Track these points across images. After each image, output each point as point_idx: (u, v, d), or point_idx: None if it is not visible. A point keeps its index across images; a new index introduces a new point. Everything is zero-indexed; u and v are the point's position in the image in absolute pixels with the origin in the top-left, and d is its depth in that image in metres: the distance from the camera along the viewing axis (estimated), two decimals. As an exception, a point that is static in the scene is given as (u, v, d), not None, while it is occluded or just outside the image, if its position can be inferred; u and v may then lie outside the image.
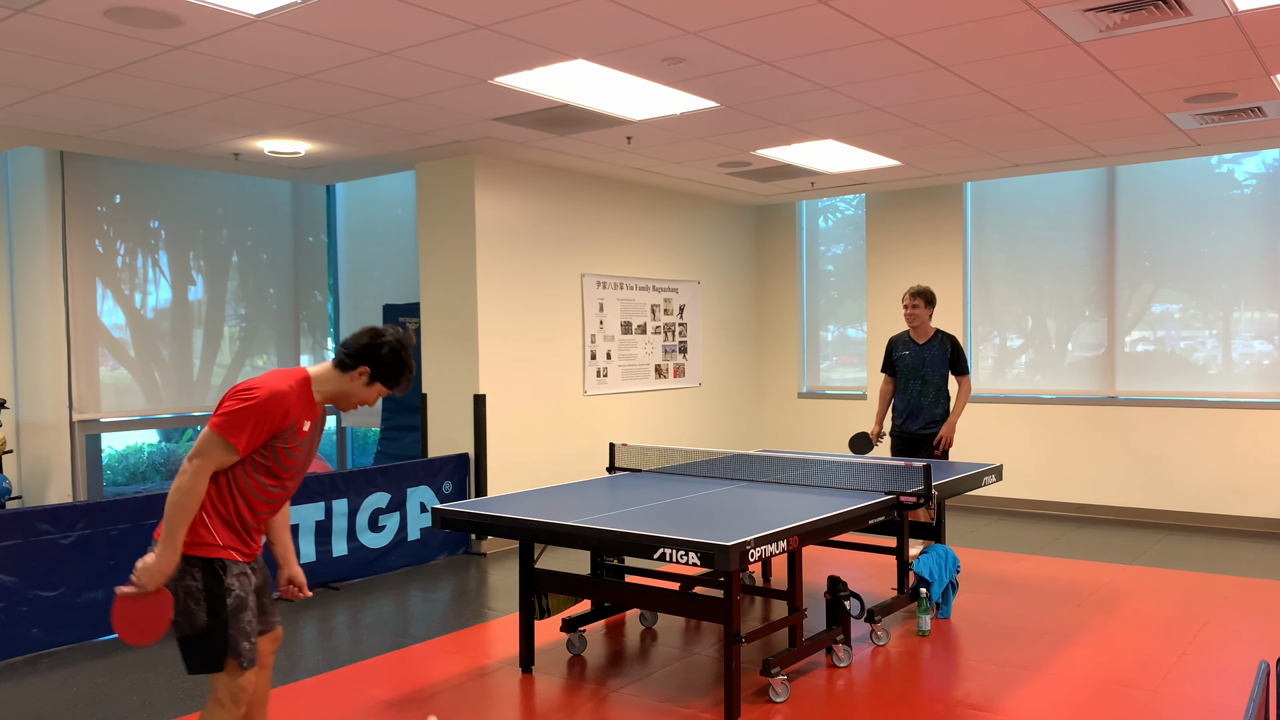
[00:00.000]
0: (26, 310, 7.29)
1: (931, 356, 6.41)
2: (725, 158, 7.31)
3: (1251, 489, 7.70)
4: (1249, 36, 4.62)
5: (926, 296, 6.39)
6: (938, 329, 6.49)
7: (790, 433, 9.93)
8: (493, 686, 4.44)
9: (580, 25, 4.30)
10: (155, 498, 5.43)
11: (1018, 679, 4.40)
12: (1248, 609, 5.44)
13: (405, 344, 3.09)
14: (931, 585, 5.17)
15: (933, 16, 4.28)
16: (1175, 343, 8.07)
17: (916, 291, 6.38)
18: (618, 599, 4.40)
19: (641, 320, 8.53)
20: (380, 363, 3.04)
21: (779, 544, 3.86)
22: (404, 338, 3.09)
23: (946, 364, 6.41)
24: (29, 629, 4.94)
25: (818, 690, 4.30)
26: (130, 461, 8.58)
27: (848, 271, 9.69)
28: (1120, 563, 6.59)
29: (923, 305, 6.39)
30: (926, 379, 6.41)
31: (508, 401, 7.33)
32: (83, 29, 4.22)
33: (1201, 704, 4.07)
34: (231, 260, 8.21)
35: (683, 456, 6.89)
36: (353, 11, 4.08)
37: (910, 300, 6.39)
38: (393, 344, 3.04)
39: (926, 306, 6.40)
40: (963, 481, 5.27)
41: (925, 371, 6.41)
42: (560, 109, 5.74)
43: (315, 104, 5.55)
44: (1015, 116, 6.14)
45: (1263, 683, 2.35)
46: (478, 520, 4.35)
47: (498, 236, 7.23)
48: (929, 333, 6.46)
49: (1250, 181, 7.70)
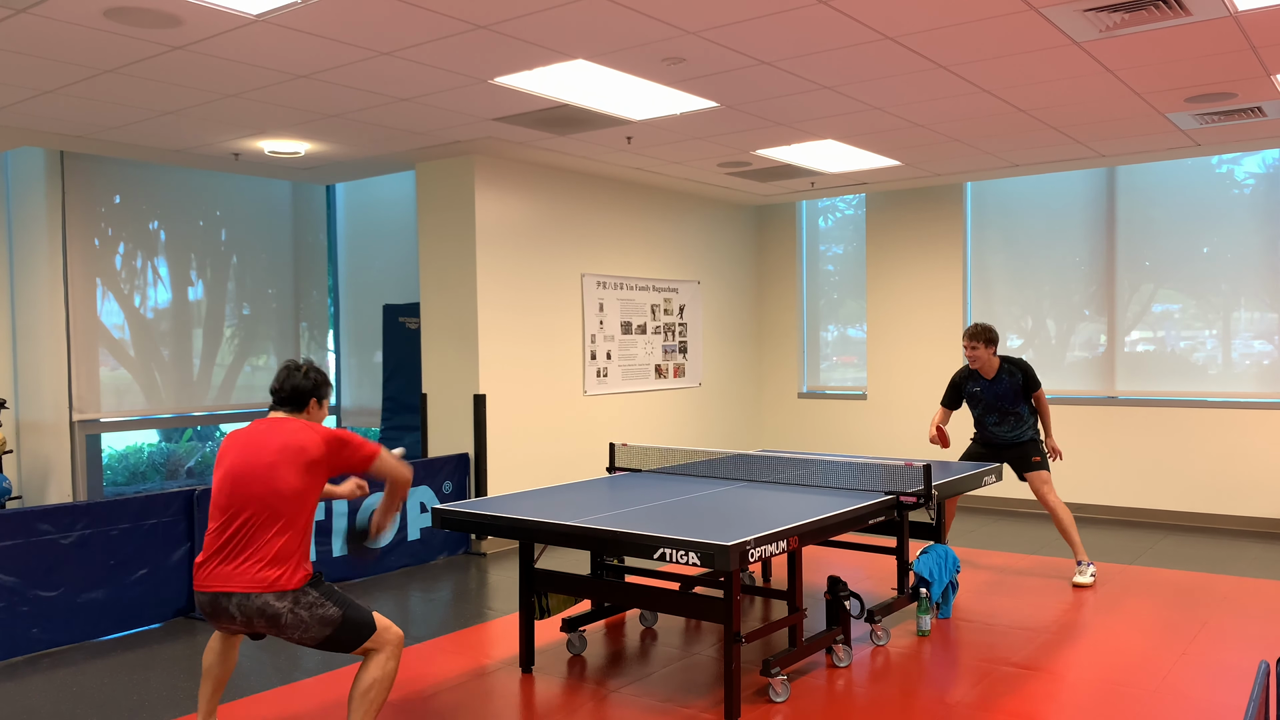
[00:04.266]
0: (26, 310, 7.29)
1: (1003, 391, 6.17)
2: (725, 158, 7.32)
3: (1251, 489, 7.70)
4: (1249, 36, 4.62)
5: (985, 336, 6.12)
6: (1002, 358, 6.24)
7: (790, 433, 9.93)
8: (493, 686, 4.44)
9: (580, 25, 4.31)
10: (155, 498, 5.43)
11: (1018, 679, 4.40)
12: (1248, 609, 5.44)
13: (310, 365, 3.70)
14: (931, 585, 5.17)
15: (933, 16, 4.28)
16: (1175, 343, 8.08)
17: (974, 334, 6.13)
18: (618, 599, 4.40)
19: (641, 320, 8.53)
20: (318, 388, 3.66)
21: (779, 544, 3.86)
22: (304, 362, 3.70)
23: (1020, 393, 6.17)
24: (29, 629, 4.94)
25: (818, 690, 4.31)
26: (130, 461, 8.58)
27: (848, 271, 9.69)
28: (1120, 563, 6.59)
29: (982, 346, 6.12)
30: (1004, 411, 6.20)
31: (508, 401, 7.33)
32: (83, 29, 4.22)
33: (1201, 704, 4.07)
34: (231, 260, 8.22)
35: (683, 456, 6.88)
36: (353, 11, 4.08)
37: (969, 343, 6.15)
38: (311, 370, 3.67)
39: (987, 346, 6.12)
40: (963, 481, 5.27)
41: (1001, 405, 6.20)
42: (560, 109, 5.74)
43: (315, 104, 5.55)
44: (1015, 116, 6.14)
45: (1263, 683, 2.35)
46: (478, 520, 4.35)
47: (498, 236, 7.23)
48: (995, 366, 6.20)
49: (1250, 181, 7.70)
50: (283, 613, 3.33)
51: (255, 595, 3.32)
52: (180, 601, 5.55)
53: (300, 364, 3.65)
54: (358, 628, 3.41)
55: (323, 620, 3.36)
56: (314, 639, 3.37)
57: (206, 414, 8.07)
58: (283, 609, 3.32)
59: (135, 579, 5.34)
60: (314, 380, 3.61)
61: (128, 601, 5.31)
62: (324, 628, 3.36)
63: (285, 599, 3.34)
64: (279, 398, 3.59)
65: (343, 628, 3.38)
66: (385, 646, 3.45)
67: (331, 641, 3.39)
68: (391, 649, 3.46)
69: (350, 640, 3.40)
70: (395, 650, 3.47)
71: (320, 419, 3.67)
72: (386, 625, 3.48)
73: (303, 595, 3.37)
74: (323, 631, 3.36)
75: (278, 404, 3.60)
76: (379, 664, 3.43)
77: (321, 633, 3.36)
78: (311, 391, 3.60)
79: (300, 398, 3.59)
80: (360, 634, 3.41)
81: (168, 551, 5.48)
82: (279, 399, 3.59)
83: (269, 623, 3.34)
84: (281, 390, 3.58)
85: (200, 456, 8.95)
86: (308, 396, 3.60)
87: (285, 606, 3.33)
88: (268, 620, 3.33)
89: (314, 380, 3.61)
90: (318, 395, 3.63)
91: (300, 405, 3.59)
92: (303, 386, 3.58)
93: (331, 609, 3.38)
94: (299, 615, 3.34)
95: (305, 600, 3.36)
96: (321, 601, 3.38)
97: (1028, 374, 6.19)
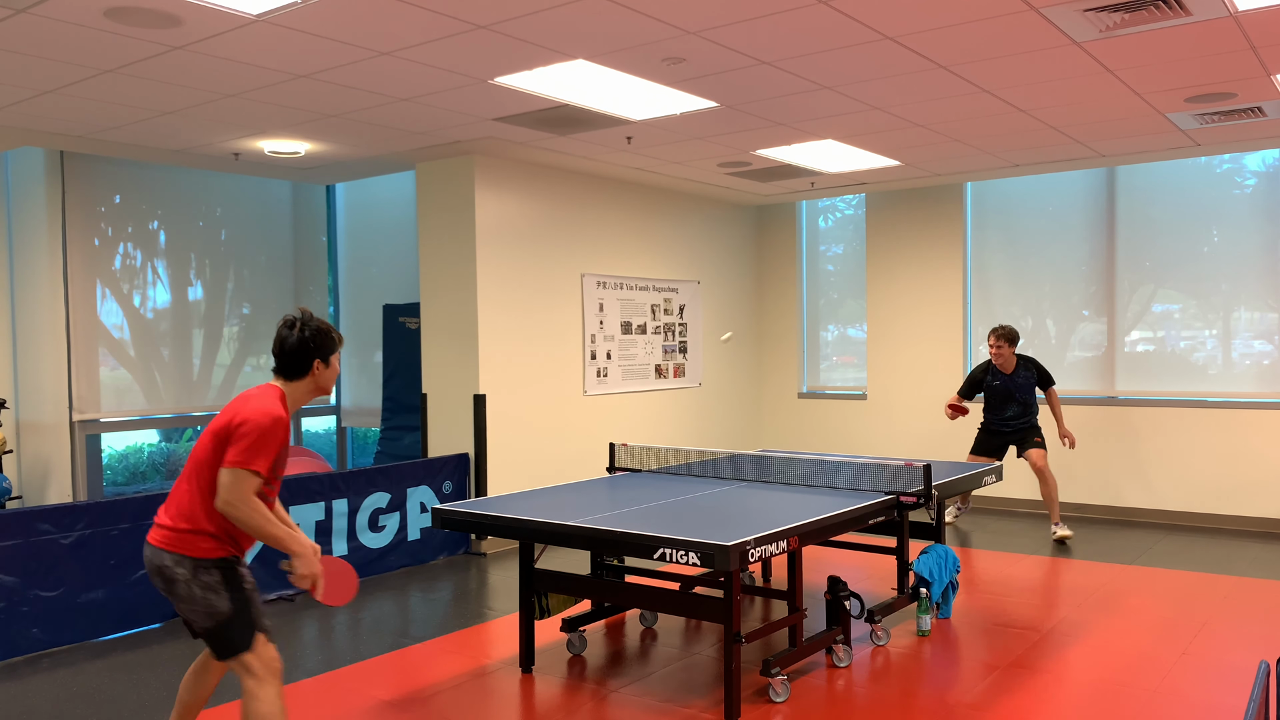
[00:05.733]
0: (26, 310, 7.29)
1: (1020, 384, 7.32)
2: (725, 158, 7.32)
3: (1251, 489, 7.70)
4: (1249, 36, 4.62)
5: (1009, 336, 7.21)
6: (1019, 355, 7.35)
7: (790, 433, 9.93)
8: (493, 686, 4.44)
9: (580, 25, 4.31)
10: (155, 498, 5.43)
11: (1018, 679, 4.40)
12: (1248, 609, 5.44)
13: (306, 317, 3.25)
14: (931, 585, 5.17)
15: (933, 16, 4.28)
16: (1175, 343, 8.07)
17: (1001, 334, 7.21)
18: (618, 599, 4.40)
19: (641, 320, 8.53)
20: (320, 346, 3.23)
21: (779, 544, 3.86)
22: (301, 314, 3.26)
23: (1034, 386, 7.33)
24: (29, 629, 4.94)
25: (818, 690, 4.31)
26: (130, 461, 8.58)
27: (848, 271, 9.69)
28: (1120, 563, 6.59)
29: (1006, 345, 7.22)
30: (1021, 402, 7.33)
31: (508, 401, 7.33)
32: (83, 29, 4.22)
33: (1201, 704, 4.07)
34: (231, 260, 8.22)
35: (683, 456, 6.89)
36: (352, 11, 4.08)
37: (995, 341, 7.23)
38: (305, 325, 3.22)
39: (1010, 345, 7.23)
40: (963, 481, 5.27)
41: (1018, 396, 7.32)
42: (560, 109, 5.74)
43: (315, 104, 5.55)
44: (1015, 116, 6.14)
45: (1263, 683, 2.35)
46: (478, 520, 4.35)
47: (498, 236, 7.24)
48: (1014, 363, 7.32)
49: (1250, 181, 7.70)
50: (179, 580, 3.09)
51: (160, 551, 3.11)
52: (180, 601, 5.54)
53: (295, 318, 3.22)
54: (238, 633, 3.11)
55: (207, 607, 3.09)
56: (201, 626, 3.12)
57: (206, 414, 8.07)
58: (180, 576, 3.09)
59: (135, 579, 5.34)
60: (310, 334, 3.19)
61: (128, 601, 5.31)
62: (204, 618, 3.10)
63: (190, 569, 3.09)
64: (275, 365, 3.24)
65: (223, 625, 3.09)
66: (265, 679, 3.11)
67: (211, 634, 3.11)
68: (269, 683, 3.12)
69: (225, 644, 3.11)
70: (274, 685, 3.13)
71: (329, 381, 3.27)
72: (274, 655, 3.16)
73: (204, 570, 3.08)
74: (205, 621, 3.10)
75: (274, 371, 3.25)
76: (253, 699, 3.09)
77: (205, 622, 3.10)
78: (311, 352, 3.19)
79: (297, 362, 3.20)
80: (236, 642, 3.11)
81: (168, 551, 5.47)
82: (275, 366, 3.24)
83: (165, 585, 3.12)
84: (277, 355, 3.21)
85: (200, 456, 8.94)
86: (308, 359, 3.20)
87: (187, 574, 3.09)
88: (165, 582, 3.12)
89: (310, 334, 3.19)
90: (320, 354, 3.21)
91: (301, 371, 3.21)
92: (297, 349, 3.18)
93: (224, 602, 3.09)
94: (193, 592, 3.08)
95: (202, 578, 3.08)
96: (218, 587, 3.09)
97: (1040, 370, 7.35)
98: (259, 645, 3.13)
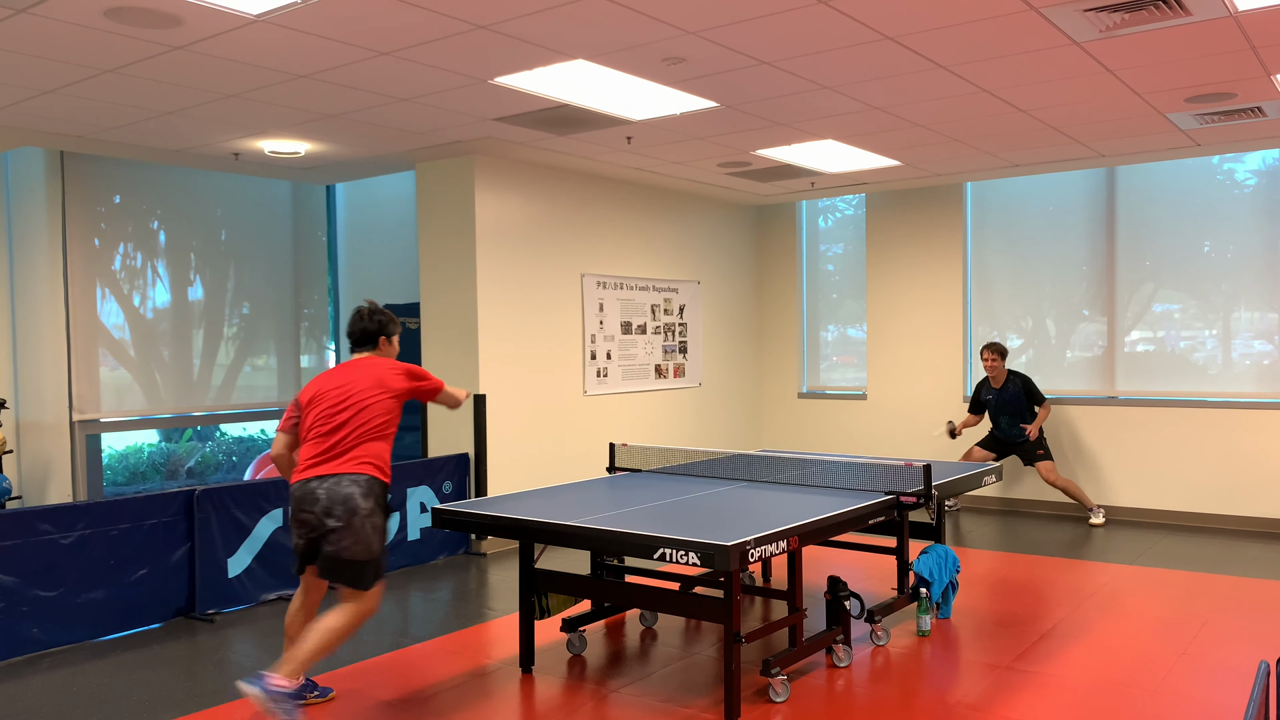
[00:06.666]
0: (26, 310, 7.29)
1: (1009, 397, 7.99)
2: (725, 158, 7.32)
3: (1251, 489, 7.70)
4: (1249, 36, 4.62)
5: (1000, 351, 7.96)
6: (1009, 371, 8.06)
7: (790, 433, 9.93)
8: (493, 686, 4.44)
9: (580, 25, 4.31)
10: (155, 498, 5.43)
11: (1018, 679, 4.40)
12: (1248, 609, 5.44)
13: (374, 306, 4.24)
14: (931, 585, 5.17)
15: (933, 16, 4.28)
16: (1175, 343, 8.08)
17: (995, 350, 7.95)
18: (618, 599, 4.40)
19: (641, 320, 8.53)
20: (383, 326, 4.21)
21: (779, 544, 3.86)
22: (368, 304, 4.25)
23: (1023, 399, 7.94)
24: (29, 629, 4.94)
25: (818, 690, 4.31)
26: (130, 461, 8.57)
27: (848, 271, 9.69)
28: (1120, 563, 6.59)
29: (999, 359, 7.96)
30: (1011, 412, 7.99)
31: (508, 401, 7.33)
32: (83, 29, 4.22)
33: (1201, 704, 4.07)
34: (231, 260, 8.22)
35: (683, 456, 6.89)
36: (352, 11, 4.08)
37: (990, 356, 7.96)
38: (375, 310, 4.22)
39: (1001, 359, 7.96)
40: (963, 481, 5.27)
41: (1008, 407, 7.99)
42: (560, 109, 5.74)
43: (315, 104, 5.55)
44: (1015, 116, 6.14)
45: (1263, 683, 2.35)
46: (478, 520, 4.35)
47: (498, 236, 7.24)
48: (1004, 376, 8.03)
49: (1250, 181, 7.70)
50: (359, 510, 3.82)
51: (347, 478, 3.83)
52: (180, 601, 5.55)
53: (364, 308, 4.20)
54: (377, 573, 3.90)
55: (366, 545, 3.85)
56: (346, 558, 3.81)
57: (206, 414, 8.08)
58: (364, 508, 3.83)
59: (135, 579, 5.34)
60: (379, 321, 4.17)
61: (128, 601, 5.31)
62: (361, 552, 3.84)
63: (370, 500, 3.85)
64: (354, 340, 4.18)
65: (371, 562, 3.86)
66: (367, 604, 3.90)
67: (357, 566, 3.83)
68: (369, 611, 3.91)
69: (368, 578, 3.86)
70: (368, 614, 3.92)
71: (393, 354, 4.23)
72: (380, 592, 3.96)
73: (377, 511, 3.88)
74: (357, 554, 3.82)
75: (355, 346, 4.18)
76: (351, 613, 3.85)
77: (355, 554, 3.82)
78: (379, 331, 4.17)
79: (370, 338, 4.17)
80: (375, 578, 3.89)
81: (168, 551, 5.48)
82: (354, 342, 4.18)
83: (345, 513, 3.79)
84: (353, 334, 4.17)
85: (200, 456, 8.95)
86: (376, 335, 4.17)
87: (367, 507, 3.84)
88: (345, 510, 3.79)
89: (379, 321, 4.17)
90: (385, 333, 4.19)
91: (373, 343, 4.18)
92: (369, 329, 4.16)
93: (379, 545, 3.89)
94: (364, 525, 3.83)
95: (375, 519, 3.87)
96: (382, 532, 3.91)
97: (1027, 384, 7.98)
98: (377, 589, 3.93)
